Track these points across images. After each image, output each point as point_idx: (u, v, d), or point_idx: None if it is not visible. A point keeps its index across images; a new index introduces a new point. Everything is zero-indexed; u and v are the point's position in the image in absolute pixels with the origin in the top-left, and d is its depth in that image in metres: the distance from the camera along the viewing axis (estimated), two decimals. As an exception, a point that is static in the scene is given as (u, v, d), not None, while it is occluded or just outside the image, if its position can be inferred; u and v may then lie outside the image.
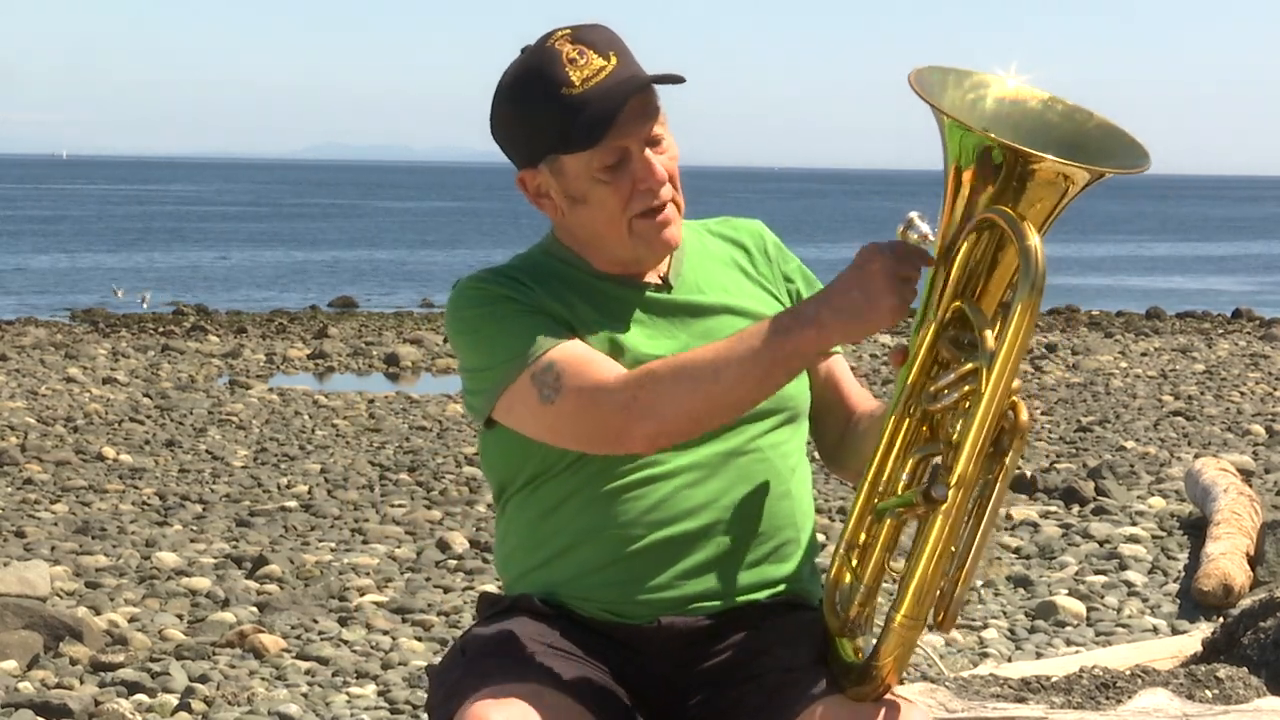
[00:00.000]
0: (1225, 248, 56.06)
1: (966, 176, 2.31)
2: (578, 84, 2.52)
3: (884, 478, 2.40)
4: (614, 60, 2.54)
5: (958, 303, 2.34)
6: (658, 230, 2.59)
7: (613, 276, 2.65)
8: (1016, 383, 2.29)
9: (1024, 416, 2.31)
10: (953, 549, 2.32)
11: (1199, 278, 40.32)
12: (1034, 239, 2.24)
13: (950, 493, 2.27)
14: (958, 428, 2.29)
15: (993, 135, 2.27)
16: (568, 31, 2.55)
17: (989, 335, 2.27)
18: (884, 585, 2.47)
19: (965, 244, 2.32)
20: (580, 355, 2.51)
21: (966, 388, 2.29)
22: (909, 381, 2.37)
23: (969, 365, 2.29)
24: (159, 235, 53.60)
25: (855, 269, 2.37)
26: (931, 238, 2.37)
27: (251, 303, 28.78)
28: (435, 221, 68.64)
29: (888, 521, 2.39)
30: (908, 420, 2.38)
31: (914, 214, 2.38)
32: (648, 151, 2.56)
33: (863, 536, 2.43)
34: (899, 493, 2.37)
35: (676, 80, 2.57)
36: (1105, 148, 2.34)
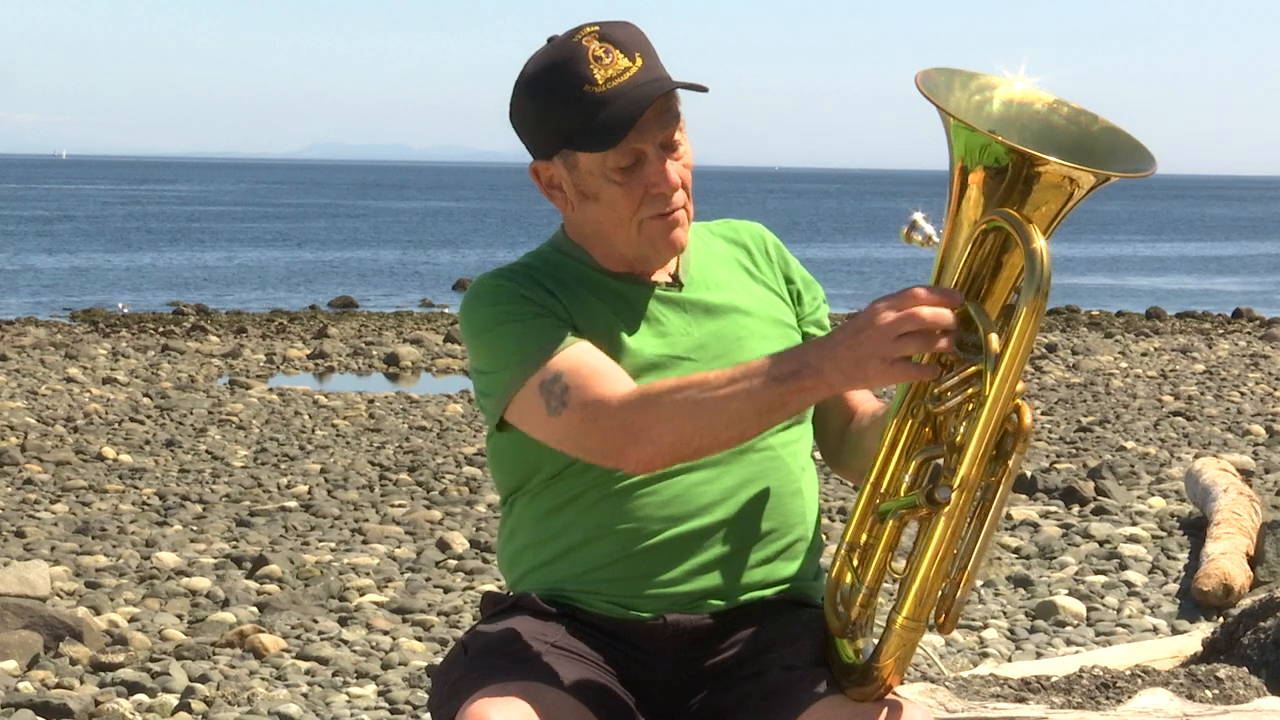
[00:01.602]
0: (1226, 248, 56.06)
1: (971, 178, 2.30)
2: (601, 82, 2.52)
3: (886, 478, 2.40)
4: (639, 62, 2.54)
5: (963, 304, 2.34)
6: (666, 231, 2.59)
7: (622, 275, 2.66)
8: (1020, 385, 2.28)
9: (1027, 420, 2.30)
10: (954, 551, 2.32)
11: (1200, 278, 40.32)
12: (1040, 242, 2.23)
13: (953, 495, 2.26)
14: (961, 430, 2.28)
15: (999, 137, 2.26)
16: (596, 28, 2.55)
17: (994, 338, 2.27)
18: (885, 586, 2.47)
19: (970, 246, 2.31)
20: (588, 366, 2.49)
21: (970, 390, 2.28)
22: (911, 382, 2.37)
23: (973, 368, 2.29)
24: (159, 235, 53.59)
25: (852, 329, 2.30)
26: (935, 239, 2.36)
27: (251, 303, 28.78)
28: (435, 221, 68.64)
29: (890, 523, 2.39)
30: (911, 421, 2.37)
31: (918, 215, 2.37)
32: (664, 158, 2.56)
33: (864, 537, 2.43)
34: (901, 494, 2.37)
35: (700, 89, 2.57)
36: (1111, 151, 2.33)
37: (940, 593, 2.33)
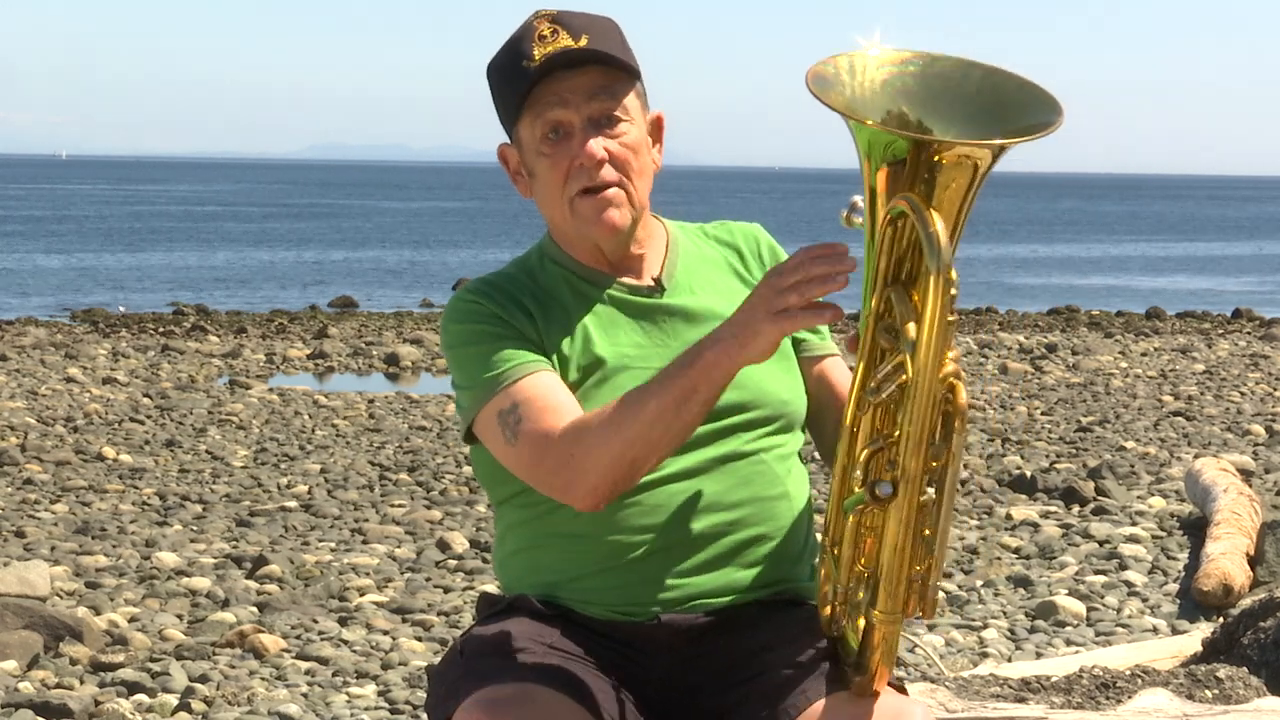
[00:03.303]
0: (1226, 248, 56.05)
1: (878, 166, 2.29)
2: (536, 59, 2.54)
3: (849, 473, 2.39)
4: (582, 43, 2.55)
5: (889, 291, 2.33)
6: (596, 210, 2.58)
7: (602, 276, 2.65)
8: (952, 365, 2.25)
9: (962, 398, 2.26)
10: (918, 537, 2.30)
11: (1199, 278, 40.32)
12: (936, 225, 2.20)
13: (897, 488, 2.26)
14: (898, 420, 2.28)
15: (884, 127, 2.25)
16: (552, 12, 2.58)
17: (910, 326, 2.25)
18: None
19: (889, 232, 2.30)
20: (541, 399, 2.51)
21: (902, 377, 2.27)
22: (858, 374, 2.37)
23: (900, 356, 2.28)
24: (159, 235, 53.59)
25: (748, 299, 2.34)
26: None
27: (251, 303, 28.78)
28: (435, 221, 68.65)
29: (851, 518, 2.39)
30: (860, 414, 2.37)
31: (857, 198, 2.36)
32: (593, 133, 2.56)
33: (840, 533, 2.44)
34: (856, 490, 2.36)
35: (625, 68, 2.57)
36: (1024, 107, 2.30)
37: (912, 581, 2.33)
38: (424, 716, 4.23)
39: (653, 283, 2.67)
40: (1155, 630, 7.14)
